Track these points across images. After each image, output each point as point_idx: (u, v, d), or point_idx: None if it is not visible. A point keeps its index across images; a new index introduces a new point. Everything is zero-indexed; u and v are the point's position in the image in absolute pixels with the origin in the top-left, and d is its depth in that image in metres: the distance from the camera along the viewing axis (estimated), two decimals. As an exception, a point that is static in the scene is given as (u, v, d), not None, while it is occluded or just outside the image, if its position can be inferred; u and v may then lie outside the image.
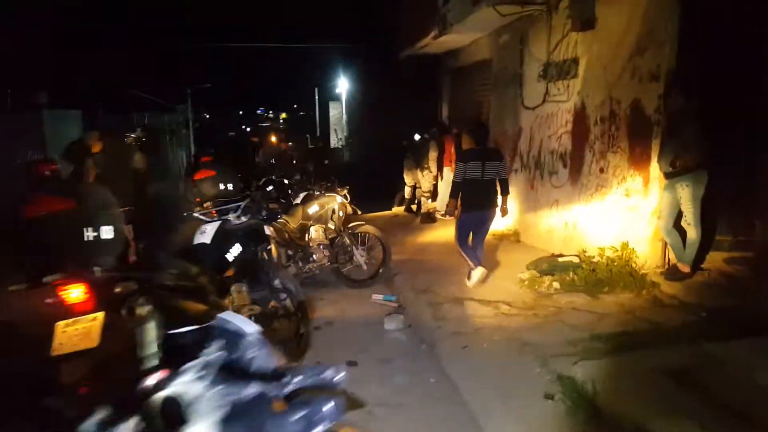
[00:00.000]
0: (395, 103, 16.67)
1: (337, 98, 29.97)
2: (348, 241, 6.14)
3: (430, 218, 10.12)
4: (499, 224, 8.67)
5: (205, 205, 4.76)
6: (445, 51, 11.14)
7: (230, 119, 57.44)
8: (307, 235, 5.66)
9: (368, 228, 6.35)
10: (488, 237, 8.47)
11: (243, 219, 3.55)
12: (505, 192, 5.88)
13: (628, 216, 5.87)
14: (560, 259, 6.28)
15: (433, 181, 10.31)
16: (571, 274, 5.75)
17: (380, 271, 6.48)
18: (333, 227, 5.96)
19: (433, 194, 10.35)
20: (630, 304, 5.03)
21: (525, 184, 8.01)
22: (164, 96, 32.01)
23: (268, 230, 3.71)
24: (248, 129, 52.56)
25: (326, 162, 11.78)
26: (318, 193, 5.94)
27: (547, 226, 7.36)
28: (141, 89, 27.42)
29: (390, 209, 11.79)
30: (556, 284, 5.67)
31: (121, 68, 25.61)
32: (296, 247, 5.56)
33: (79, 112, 21.25)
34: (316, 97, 29.88)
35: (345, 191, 6.21)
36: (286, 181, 8.66)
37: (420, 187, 10.37)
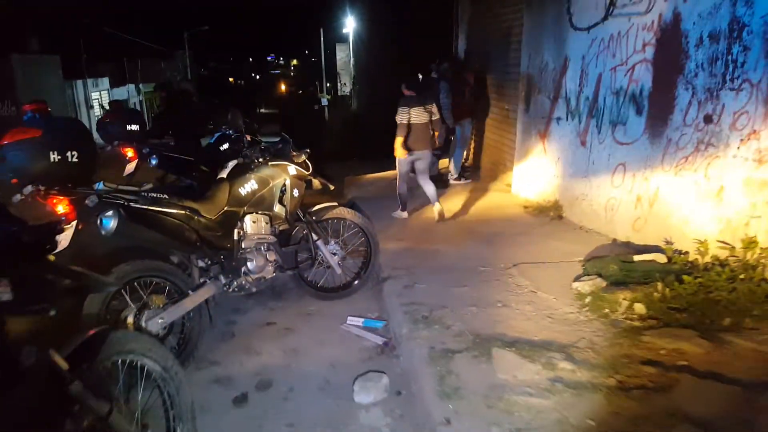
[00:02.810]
0: (406, 40, 14.07)
1: (344, 40, 27.08)
2: (310, 233, 3.94)
3: (440, 182, 7.81)
4: (535, 193, 6.39)
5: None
6: (462, -36, 8.52)
7: (240, 67, 54.52)
8: (238, 230, 3.45)
9: (342, 211, 4.11)
10: (520, 211, 6.25)
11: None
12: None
13: (757, 194, 3.54)
14: (636, 258, 4.02)
15: (444, 136, 7.87)
16: (660, 286, 3.50)
17: (363, 273, 4.29)
18: (285, 214, 3.73)
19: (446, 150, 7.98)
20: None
21: (571, 138, 5.64)
22: (161, 42, 29.33)
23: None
24: (258, 77, 49.76)
25: (316, 107, 9.32)
26: (258, 160, 3.65)
27: (606, 199, 5.05)
28: (132, 32, 24.87)
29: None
30: (639, 307, 3.43)
31: (107, 8, 23.04)
32: (215, 251, 3.36)
33: (57, 57, 18.87)
34: (321, 38, 26.93)
35: (304, 157, 3.93)
36: (248, 138, 6.41)
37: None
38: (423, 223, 6.03)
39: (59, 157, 2.64)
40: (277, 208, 3.72)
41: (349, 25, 24.41)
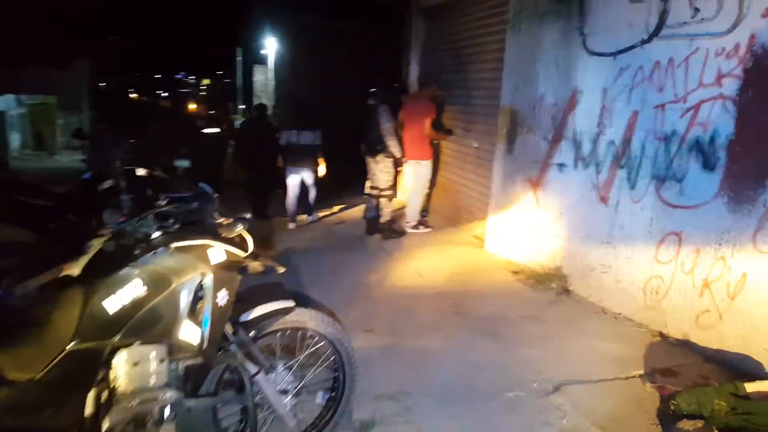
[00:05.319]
0: (341, 66, 12.54)
1: (263, 61, 25.11)
2: (243, 365, 2.14)
3: (392, 230, 6.23)
4: (522, 254, 4.97)
5: None
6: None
7: (145, 83, 50.44)
8: (97, 391, 1.60)
9: (300, 317, 2.31)
10: (510, 278, 4.77)
11: None
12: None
13: None
14: (749, 388, 2.63)
15: (393, 172, 6.36)
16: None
17: (329, 418, 2.52)
18: (200, 339, 1.94)
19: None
20: None
21: (583, 191, 4.28)
22: (56, 49, 25.71)
23: None
24: (165, 94, 46.26)
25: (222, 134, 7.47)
26: (150, 237, 1.83)
27: (647, 278, 3.69)
28: (19, 35, 21.30)
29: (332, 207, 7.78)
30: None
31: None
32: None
33: None
34: (238, 58, 24.73)
35: (239, 229, 2.13)
36: (140, 172, 4.41)
37: (374, 184, 6.36)
38: (389, 292, 4.38)
39: None
40: (185, 331, 1.90)
41: (270, 46, 22.56)
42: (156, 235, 1.87)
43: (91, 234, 1.96)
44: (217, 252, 2.00)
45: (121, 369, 1.70)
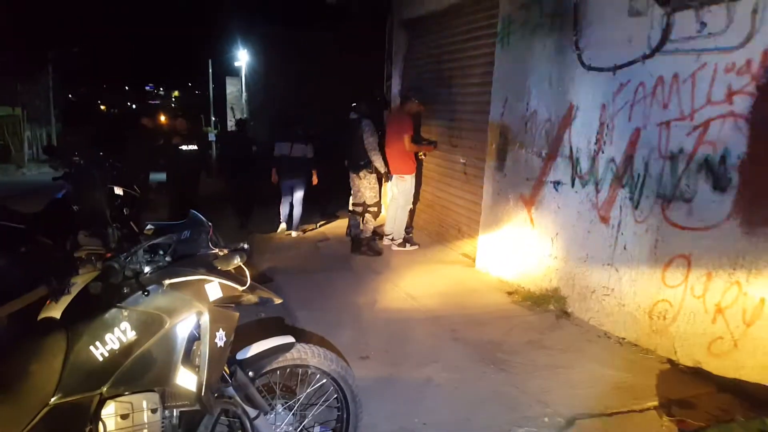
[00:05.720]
0: (321, 73, 12.29)
1: (235, 73, 24.73)
2: (243, 411, 1.85)
3: (371, 248, 5.94)
4: (515, 273, 4.76)
5: None
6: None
7: (115, 95, 49.31)
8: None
9: (302, 353, 2.04)
10: (504, 299, 4.56)
11: None
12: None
13: None
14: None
15: (377, 187, 6.15)
16: None
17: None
18: (197, 387, 1.65)
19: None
20: None
21: (582, 210, 4.11)
22: (19, 60, 24.78)
23: None
24: (134, 106, 45.26)
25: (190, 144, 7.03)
26: (142, 274, 1.50)
27: (653, 302, 3.51)
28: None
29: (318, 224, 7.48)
30: None
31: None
32: None
33: None
34: (210, 70, 24.19)
35: (237, 260, 1.86)
36: (117, 191, 4.07)
37: (358, 200, 6.10)
38: (381, 316, 4.11)
39: None
40: (181, 377, 1.63)
41: (242, 58, 22.18)
42: (147, 270, 1.60)
43: (65, 257, 1.70)
44: (215, 287, 1.72)
45: (110, 423, 1.49)
